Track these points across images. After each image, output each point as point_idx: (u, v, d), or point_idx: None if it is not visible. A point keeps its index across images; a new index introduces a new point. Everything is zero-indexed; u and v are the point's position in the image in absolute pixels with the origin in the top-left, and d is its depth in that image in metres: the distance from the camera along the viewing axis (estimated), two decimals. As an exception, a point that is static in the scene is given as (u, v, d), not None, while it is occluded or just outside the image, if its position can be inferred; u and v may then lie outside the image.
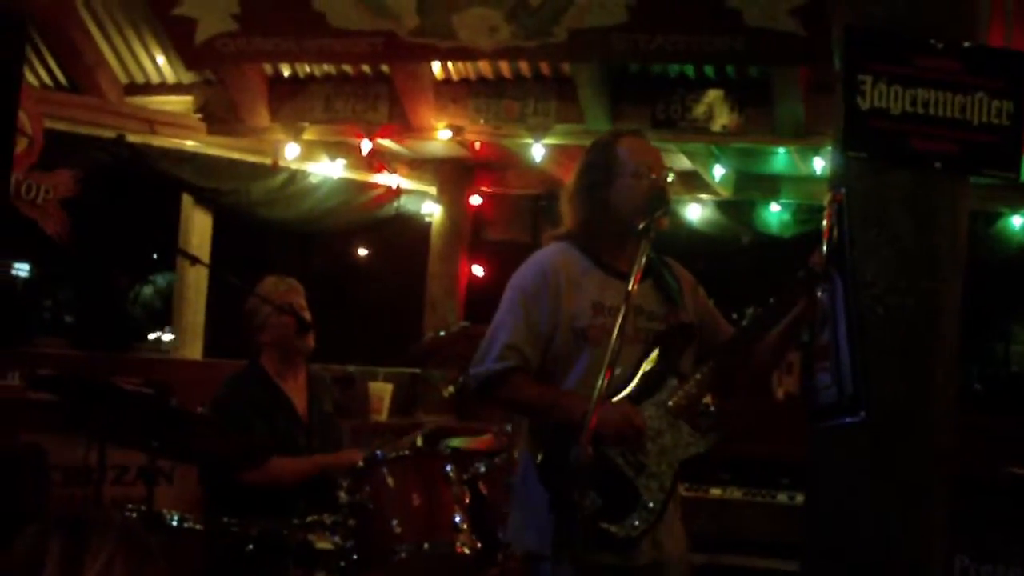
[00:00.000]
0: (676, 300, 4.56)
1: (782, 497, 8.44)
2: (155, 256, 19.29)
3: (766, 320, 4.46)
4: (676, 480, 4.38)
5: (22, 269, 18.48)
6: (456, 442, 7.38)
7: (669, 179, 4.59)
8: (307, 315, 6.30)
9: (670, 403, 4.38)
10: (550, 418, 4.38)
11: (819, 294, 4.25)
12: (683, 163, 10.17)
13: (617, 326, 4.00)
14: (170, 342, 11.79)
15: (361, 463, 5.74)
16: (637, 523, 4.28)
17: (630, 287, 4.07)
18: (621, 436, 4.25)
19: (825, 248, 4.21)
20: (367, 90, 9.88)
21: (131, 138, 10.03)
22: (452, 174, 11.38)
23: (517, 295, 4.55)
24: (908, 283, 4.08)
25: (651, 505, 4.29)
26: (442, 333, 8.28)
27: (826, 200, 4.28)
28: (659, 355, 4.44)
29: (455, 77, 9.76)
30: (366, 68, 9.80)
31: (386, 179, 11.24)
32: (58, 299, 20.99)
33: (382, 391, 10.47)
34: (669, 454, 4.35)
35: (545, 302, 4.48)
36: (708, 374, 4.43)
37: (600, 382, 3.90)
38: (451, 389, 10.15)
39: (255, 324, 6.31)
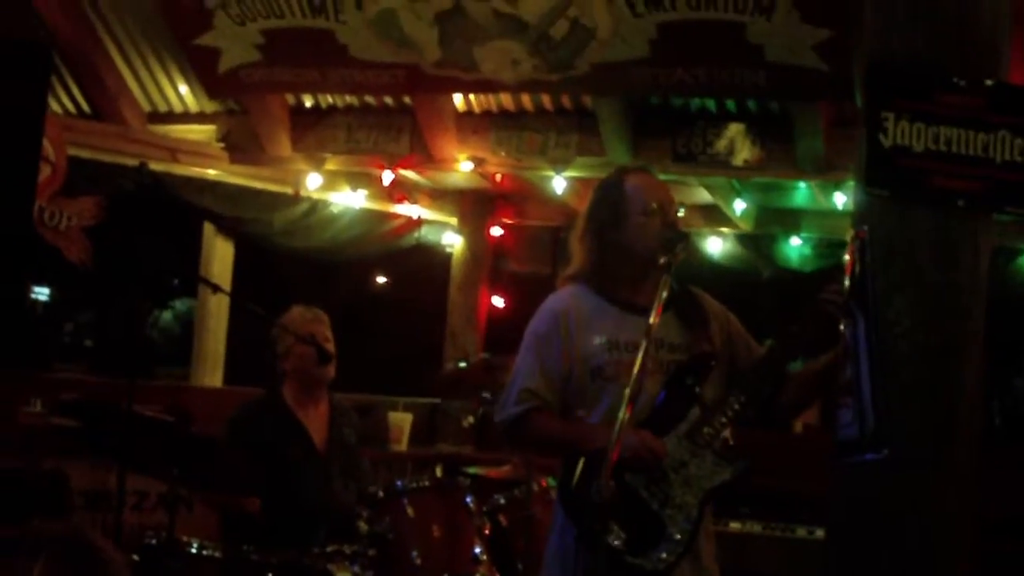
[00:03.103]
0: (698, 330, 4.57)
1: (801, 532, 8.43)
2: (175, 282, 19.36)
3: (788, 349, 4.49)
4: (703, 511, 4.34)
5: (42, 293, 18.55)
6: (475, 469, 7.40)
7: (680, 214, 4.61)
8: (330, 346, 6.32)
9: (694, 433, 4.38)
10: (574, 451, 4.39)
11: (841, 329, 4.25)
12: (704, 197, 10.19)
13: (639, 359, 4.01)
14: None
15: (381, 493, 5.76)
16: (664, 555, 4.25)
17: (651, 320, 4.09)
18: (639, 460, 4.24)
19: (848, 284, 4.22)
20: (389, 121, 9.91)
21: (153, 166, 10.05)
22: (473, 205, 11.40)
23: (531, 341, 4.59)
24: (930, 320, 4.08)
25: (677, 537, 4.26)
26: (462, 364, 8.29)
27: (849, 237, 4.28)
28: (680, 385, 4.45)
29: (477, 109, 9.79)
30: (388, 99, 9.84)
31: (407, 210, 11.26)
32: (78, 323, 21.07)
33: (402, 421, 10.48)
34: (694, 484, 4.33)
35: (556, 345, 4.50)
36: (736, 406, 4.43)
37: (622, 414, 3.91)
38: (471, 419, 10.18)
39: (278, 352, 6.35)
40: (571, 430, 4.46)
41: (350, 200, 11.05)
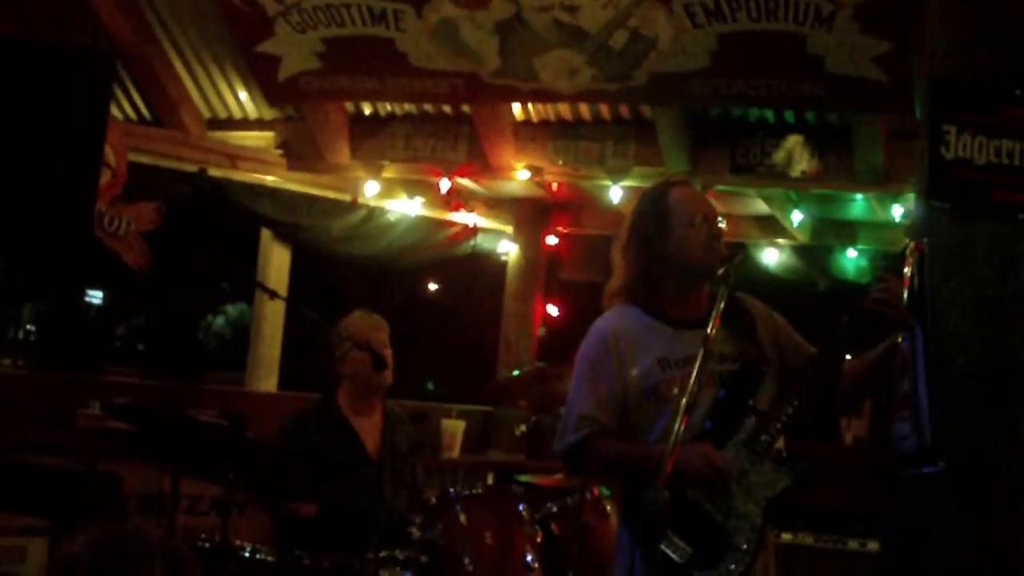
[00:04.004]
0: (746, 337, 4.56)
1: (853, 544, 8.39)
2: (225, 286, 19.39)
3: (838, 349, 4.47)
4: (767, 519, 4.34)
5: (95, 296, 18.66)
6: (528, 477, 7.40)
7: (722, 225, 4.61)
8: (388, 352, 6.33)
9: (751, 442, 4.36)
10: (636, 472, 4.38)
11: (899, 341, 4.23)
12: (761, 208, 10.16)
13: (695, 371, 4.01)
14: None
15: (434, 500, 5.78)
16: (733, 566, 4.23)
17: (709, 331, 4.09)
18: (703, 478, 4.24)
19: (906, 296, 4.20)
20: (447, 129, 9.93)
21: (212, 172, 10.13)
22: (529, 214, 11.41)
23: (583, 366, 4.59)
24: (990, 333, 4.05)
25: (744, 546, 4.25)
26: (516, 373, 8.29)
27: (908, 249, 4.26)
28: (734, 395, 4.44)
29: (535, 118, 9.79)
30: (447, 108, 9.86)
31: (463, 217, 11.28)
32: (131, 326, 21.19)
33: (455, 428, 10.49)
34: (756, 493, 4.31)
35: (609, 367, 4.49)
36: (790, 410, 4.41)
37: (676, 426, 3.91)
38: (523, 427, 10.19)
39: (335, 356, 6.38)
40: (632, 452, 4.45)
41: (407, 208, 11.08)
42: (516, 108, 9.70)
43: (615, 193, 9.76)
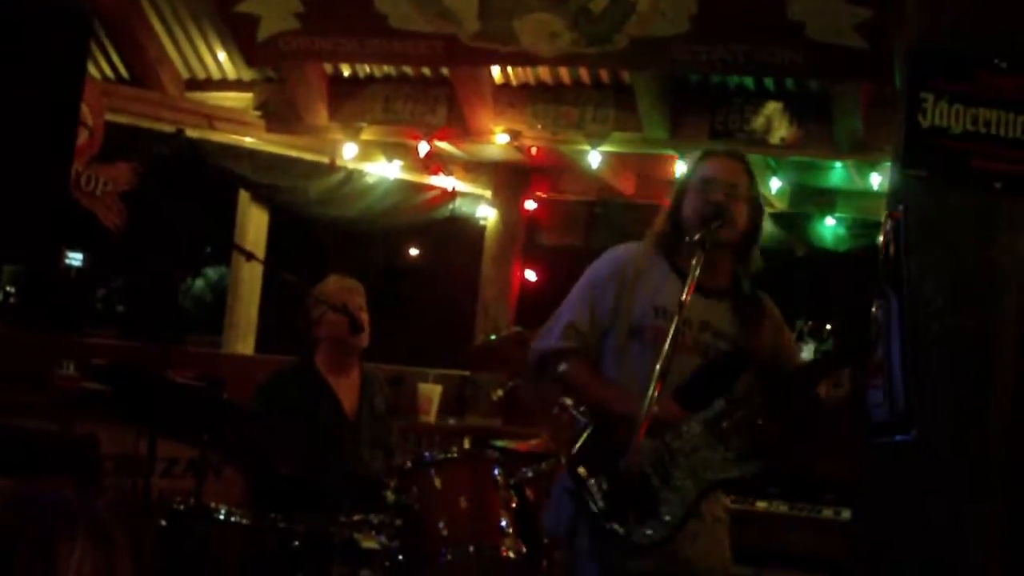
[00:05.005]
0: (750, 327, 4.60)
1: (827, 512, 8.41)
2: (208, 250, 19.43)
3: (818, 370, 4.58)
4: (700, 500, 4.39)
5: (76, 259, 18.65)
6: (504, 442, 7.40)
7: (719, 194, 4.63)
8: (364, 315, 6.34)
9: (713, 423, 4.40)
10: (597, 407, 4.46)
11: (873, 310, 4.24)
12: (739, 174, 10.15)
13: (669, 337, 4.04)
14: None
15: (409, 463, 5.78)
16: (649, 532, 4.31)
17: (683, 298, 4.12)
18: (651, 417, 4.25)
19: (881, 264, 4.21)
20: (426, 92, 9.90)
21: (190, 133, 10.09)
22: (508, 178, 11.39)
23: (589, 282, 4.70)
24: (965, 302, 4.06)
25: (667, 519, 4.31)
26: (493, 337, 8.30)
27: (884, 217, 4.27)
28: (715, 373, 4.47)
29: (514, 82, 9.77)
30: (426, 70, 9.83)
31: (442, 181, 11.26)
32: (111, 288, 21.19)
33: (431, 392, 10.48)
34: (699, 472, 4.37)
35: (612, 293, 4.60)
36: (757, 409, 4.45)
37: (651, 392, 3.94)
38: (500, 392, 10.19)
39: (311, 320, 6.38)
40: (602, 389, 4.55)
41: (385, 170, 11.06)
42: (496, 71, 9.67)
43: (594, 158, 9.75)
